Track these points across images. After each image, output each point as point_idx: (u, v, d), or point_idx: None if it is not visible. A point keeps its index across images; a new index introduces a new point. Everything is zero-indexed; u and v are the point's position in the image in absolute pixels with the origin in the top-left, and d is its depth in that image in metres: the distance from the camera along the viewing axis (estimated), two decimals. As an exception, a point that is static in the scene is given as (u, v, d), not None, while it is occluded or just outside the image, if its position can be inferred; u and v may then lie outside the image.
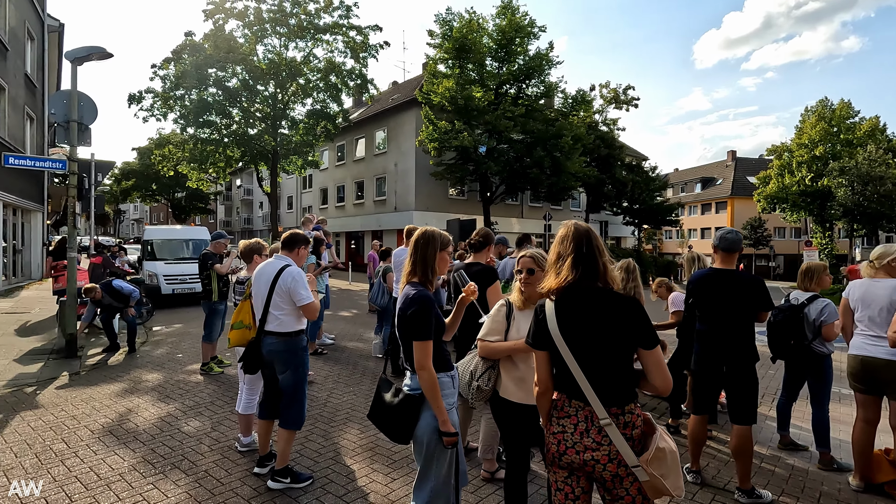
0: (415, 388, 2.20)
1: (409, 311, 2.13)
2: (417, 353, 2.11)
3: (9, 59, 13.89)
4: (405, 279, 2.28)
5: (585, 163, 23.93)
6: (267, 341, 3.23)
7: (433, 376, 2.10)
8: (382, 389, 2.36)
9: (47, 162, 7.15)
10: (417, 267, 2.25)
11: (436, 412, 2.11)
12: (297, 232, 3.54)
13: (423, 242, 2.28)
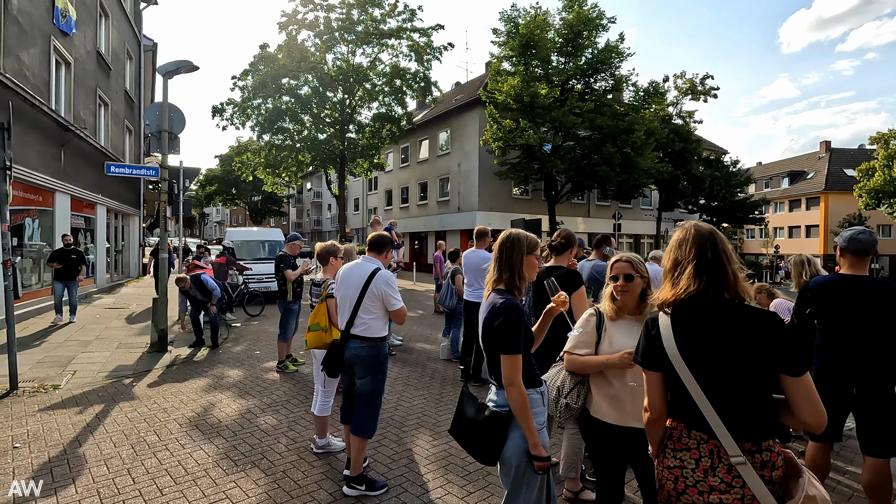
0: (501, 405, 2.03)
1: (496, 322, 1.96)
2: (506, 368, 1.93)
3: (111, 78, 15.31)
4: (490, 286, 2.11)
5: (658, 158, 22.63)
6: (351, 345, 3.19)
7: (523, 394, 1.92)
8: (465, 404, 2.21)
9: (142, 169, 7.74)
10: (503, 273, 2.08)
11: (526, 433, 1.93)
12: (385, 234, 3.48)
13: (508, 246, 2.10)
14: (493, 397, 2.09)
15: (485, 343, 2.07)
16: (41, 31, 10.05)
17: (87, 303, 12.04)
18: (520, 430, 1.96)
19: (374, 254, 3.39)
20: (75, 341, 7.83)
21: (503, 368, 1.94)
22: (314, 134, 24.54)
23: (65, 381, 5.70)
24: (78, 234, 12.61)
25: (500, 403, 2.03)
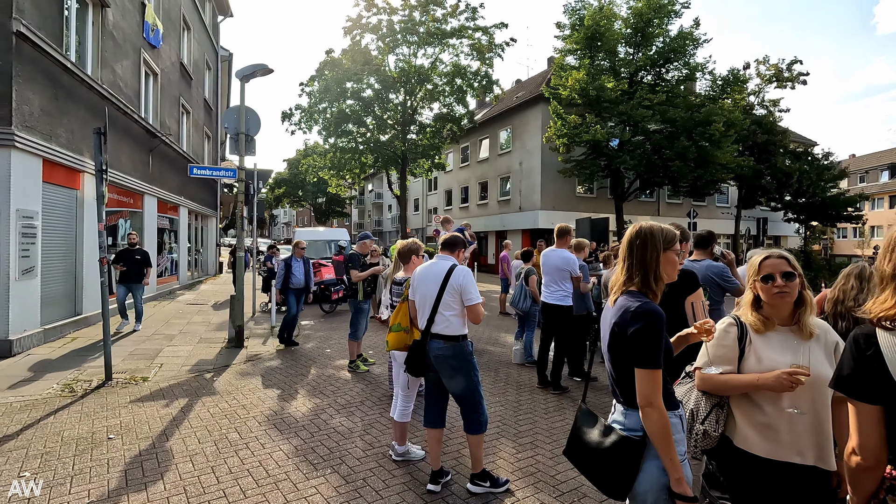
0: (632, 429, 1.72)
1: (630, 330, 1.66)
2: (643, 385, 1.63)
3: (192, 87, 16.27)
4: (619, 288, 1.81)
5: (738, 152, 20.96)
6: (434, 345, 3.07)
7: (664, 417, 1.61)
8: (584, 423, 1.92)
9: (221, 171, 8.04)
10: (635, 273, 1.77)
11: (667, 465, 1.61)
12: (457, 234, 3.34)
13: (639, 243, 1.78)
14: (619, 418, 1.79)
15: (612, 354, 1.77)
16: (133, 44, 10.77)
17: (171, 299, 12.80)
18: (657, 461, 1.64)
19: (447, 252, 3.30)
20: (161, 335, 8.26)
21: (639, 385, 1.63)
22: (376, 135, 24.95)
23: (153, 374, 5.96)
24: (163, 234, 13.46)
25: (631, 427, 1.73)
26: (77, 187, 8.43)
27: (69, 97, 7.96)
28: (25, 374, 5.70)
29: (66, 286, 8.20)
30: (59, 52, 7.45)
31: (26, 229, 6.81)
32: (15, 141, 6.45)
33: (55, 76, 7.49)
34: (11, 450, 3.71)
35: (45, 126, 7.28)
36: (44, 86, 7.21)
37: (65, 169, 7.96)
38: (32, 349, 6.88)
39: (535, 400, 5.04)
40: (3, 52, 6.40)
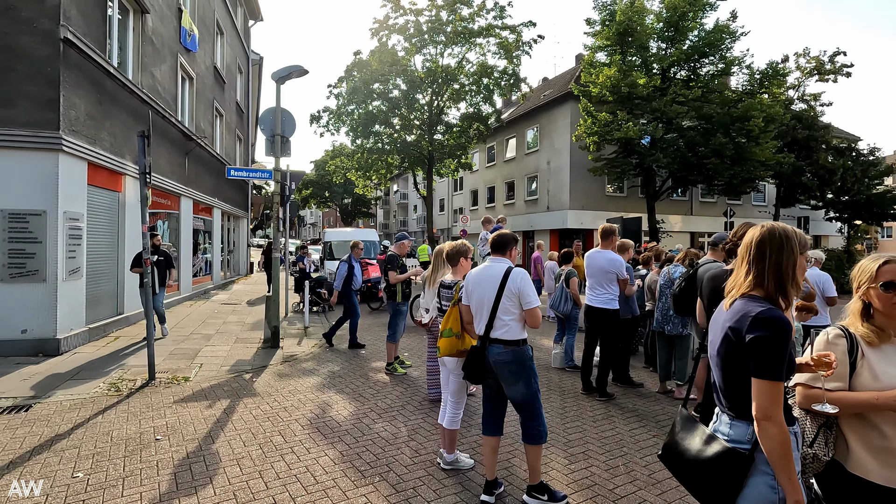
0: (738, 441, 1.57)
1: (750, 336, 1.50)
2: (762, 397, 1.47)
3: (225, 91, 16.57)
4: (739, 290, 1.65)
5: (777, 148, 20.15)
6: (493, 350, 2.96)
7: (785, 433, 1.45)
8: (683, 430, 1.78)
9: (258, 172, 8.11)
10: (768, 279, 1.58)
11: (785, 485, 1.45)
12: (506, 233, 3.20)
13: (776, 243, 1.59)
14: (723, 429, 1.64)
15: (723, 360, 1.62)
16: (170, 49, 10.99)
17: (206, 298, 13.04)
18: (765, 478, 1.49)
19: (499, 254, 3.17)
20: (199, 335, 8.37)
21: (758, 397, 1.47)
22: (403, 136, 25.00)
23: (194, 374, 6.01)
24: (198, 234, 13.72)
25: (737, 439, 1.58)
26: (119, 189, 8.63)
27: (112, 102, 8.15)
28: (73, 373, 5.83)
29: (108, 286, 8.40)
30: (103, 57, 7.62)
31: (73, 231, 6.98)
32: (63, 145, 6.62)
33: (99, 81, 7.67)
34: (64, 449, 3.75)
35: (90, 130, 7.46)
36: (88, 91, 7.39)
37: (107, 171, 8.15)
38: (78, 347, 7.05)
39: (581, 407, 4.86)
40: (52, 59, 6.58)
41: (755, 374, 1.48)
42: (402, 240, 6.31)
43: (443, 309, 3.56)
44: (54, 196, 6.62)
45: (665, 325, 5.17)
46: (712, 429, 1.69)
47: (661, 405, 4.94)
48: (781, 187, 25.05)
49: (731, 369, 1.59)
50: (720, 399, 1.67)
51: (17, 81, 6.47)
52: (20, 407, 4.67)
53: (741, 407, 1.57)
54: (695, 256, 5.18)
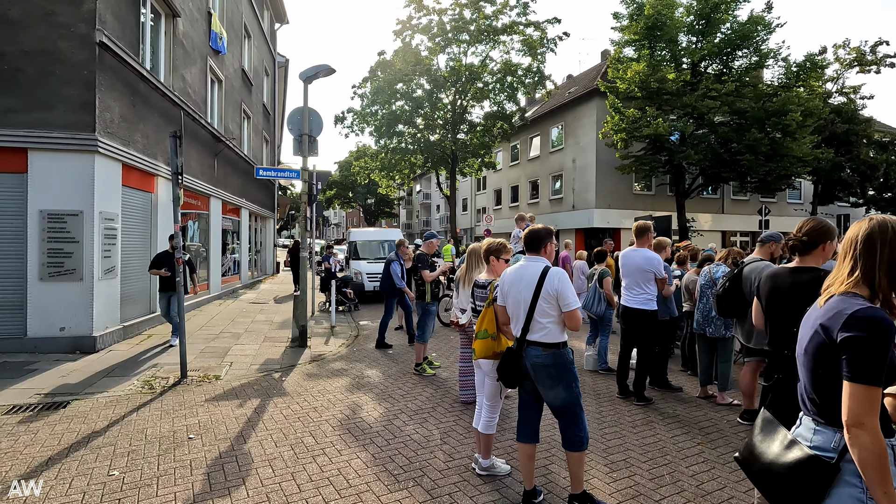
0: (822, 449, 1.44)
1: (846, 336, 1.35)
2: (856, 402, 1.31)
3: (253, 93, 16.81)
4: (837, 286, 1.49)
5: (815, 143, 19.35)
6: (531, 353, 2.84)
7: (881, 443, 1.29)
8: (763, 431, 1.65)
9: (285, 172, 8.15)
10: (878, 273, 1.42)
11: (879, 499, 1.29)
12: (539, 227, 3.04)
13: (888, 237, 1.43)
14: (805, 434, 1.50)
15: (812, 360, 1.47)
16: (200, 52, 11.17)
17: (235, 298, 13.23)
18: (852, 490, 1.36)
19: (534, 252, 3.01)
20: (229, 334, 8.46)
21: (851, 402, 1.32)
22: (426, 135, 24.98)
23: (224, 372, 6.05)
24: (226, 235, 13.94)
25: (822, 446, 1.44)
26: (152, 190, 8.80)
27: (145, 104, 8.30)
28: (109, 370, 5.93)
29: (141, 285, 8.57)
30: (137, 60, 7.76)
31: (108, 231, 7.12)
32: (98, 146, 6.75)
33: (133, 84, 7.82)
34: (101, 446, 3.78)
35: (124, 132, 7.61)
36: (123, 93, 7.54)
37: (140, 173, 8.30)
38: (113, 345, 7.19)
39: (618, 411, 4.68)
40: (88, 62, 6.72)
41: (849, 376, 1.33)
42: (431, 238, 6.23)
43: (477, 309, 3.43)
44: (90, 197, 6.77)
45: (706, 327, 4.93)
46: (794, 433, 1.54)
47: (703, 411, 4.71)
48: (819, 184, 24.09)
49: (819, 370, 1.45)
50: (804, 402, 1.53)
51: (55, 85, 6.63)
52: (59, 404, 4.75)
53: (828, 412, 1.45)
54: (738, 255, 4.94)
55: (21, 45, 6.52)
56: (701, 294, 5.03)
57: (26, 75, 6.55)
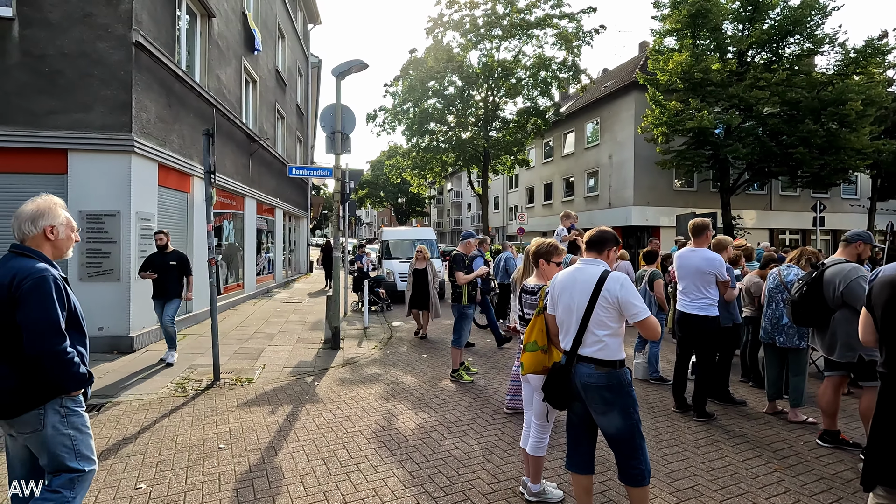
0: None
1: None
2: None
3: (286, 94, 16.91)
4: None
5: (875, 134, 17.98)
6: (582, 370, 2.48)
7: None
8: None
9: (318, 170, 8.02)
10: None
11: None
12: (606, 229, 2.69)
13: None
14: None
15: None
16: (235, 52, 11.21)
17: (269, 297, 13.29)
18: None
19: (593, 253, 2.66)
20: (262, 334, 8.39)
21: None
22: (458, 133, 24.68)
23: (257, 375, 5.92)
24: (261, 234, 14.04)
25: None
26: (187, 190, 8.83)
27: (181, 104, 8.32)
28: (144, 372, 5.89)
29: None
30: (172, 61, 7.77)
31: (144, 231, 7.13)
32: (135, 147, 6.76)
33: (168, 84, 7.83)
34: (130, 455, 3.65)
35: (160, 132, 7.62)
36: (159, 94, 7.55)
37: (176, 173, 8.33)
38: (150, 345, 7.21)
39: (677, 428, 4.26)
40: (124, 63, 6.72)
41: None
42: (468, 238, 5.91)
43: (525, 317, 3.10)
44: (127, 197, 6.78)
45: (776, 336, 4.44)
46: None
47: (774, 429, 4.23)
48: (879, 178, 22.46)
49: None
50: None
51: (93, 86, 6.67)
52: (93, 406, 4.69)
53: None
54: (813, 256, 4.42)
55: (61, 47, 6.57)
56: (769, 299, 4.53)
57: (65, 77, 6.60)
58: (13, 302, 1.94)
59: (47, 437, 2.02)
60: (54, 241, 2.12)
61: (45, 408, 2.02)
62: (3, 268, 1.99)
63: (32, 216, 2.08)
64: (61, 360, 1.97)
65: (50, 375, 1.99)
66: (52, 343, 1.95)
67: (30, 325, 1.93)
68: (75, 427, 2.10)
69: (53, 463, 2.05)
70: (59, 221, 2.13)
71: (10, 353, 1.97)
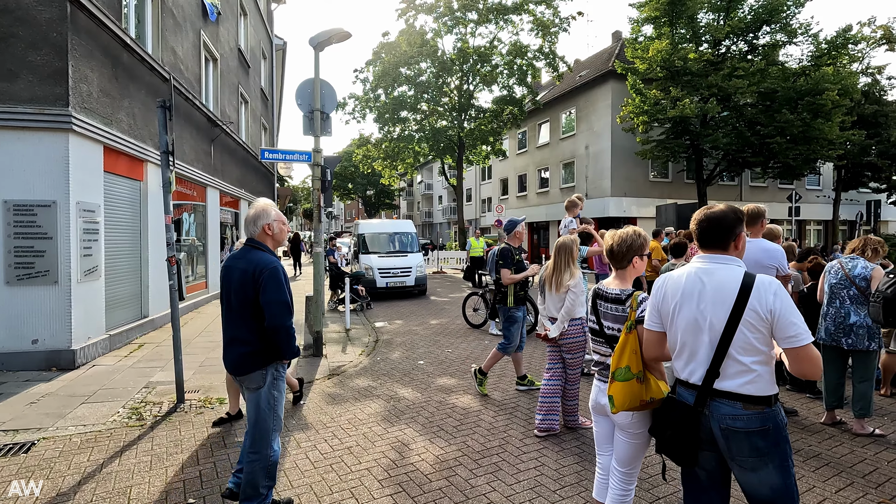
0: None
1: None
2: None
3: (250, 76, 15.60)
4: None
5: (846, 124, 18.28)
6: (723, 411, 1.79)
7: None
8: None
9: (295, 154, 7.06)
10: None
11: None
12: (726, 209, 1.96)
13: None
14: None
15: None
16: (192, 25, 10.00)
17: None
18: None
19: (714, 248, 1.92)
20: (232, 341, 7.41)
21: None
22: (432, 122, 23.81)
23: (229, 394, 5.01)
24: (225, 228, 12.85)
25: None
26: (140, 178, 7.70)
27: (130, 78, 7.18)
28: (89, 393, 4.88)
29: (131, 287, 7.50)
30: (118, 25, 6.63)
31: (88, 225, 6.04)
32: (73, 124, 5.65)
33: (114, 53, 6.69)
34: (66, 521, 2.75)
35: (105, 109, 6.49)
36: (102, 63, 6.41)
37: (127, 157, 7.21)
38: (98, 358, 6.14)
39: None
40: (57, 22, 5.59)
41: None
42: (515, 227, 4.94)
43: (605, 333, 2.35)
44: (65, 184, 5.67)
45: (842, 338, 3.90)
46: None
47: (847, 445, 3.70)
48: (842, 169, 23.07)
49: None
50: None
51: (18, 49, 5.51)
52: (20, 446, 3.71)
53: None
54: (879, 245, 3.90)
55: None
56: (831, 296, 3.99)
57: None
58: (257, 286, 2.50)
59: (262, 394, 2.60)
60: (272, 235, 2.65)
61: (267, 369, 2.61)
62: (244, 259, 2.59)
63: (254, 218, 2.63)
64: (290, 333, 2.57)
65: (280, 345, 2.56)
66: (283, 319, 2.52)
67: (271, 305, 2.50)
68: (279, 390, 2.68)
69: (254, 414, 2.61)
70: (271, 219, 2.65)
71: (254, 325, 2.56)
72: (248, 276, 2.52)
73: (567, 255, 3.70)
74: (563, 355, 3.87)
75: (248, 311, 2.54)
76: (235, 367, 2.64)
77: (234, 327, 2.62)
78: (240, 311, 2.57)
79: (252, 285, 2.51)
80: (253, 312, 2.54)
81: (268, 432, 2.60)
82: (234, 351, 2.62)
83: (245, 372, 2.60)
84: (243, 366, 2.60)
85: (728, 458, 1.83)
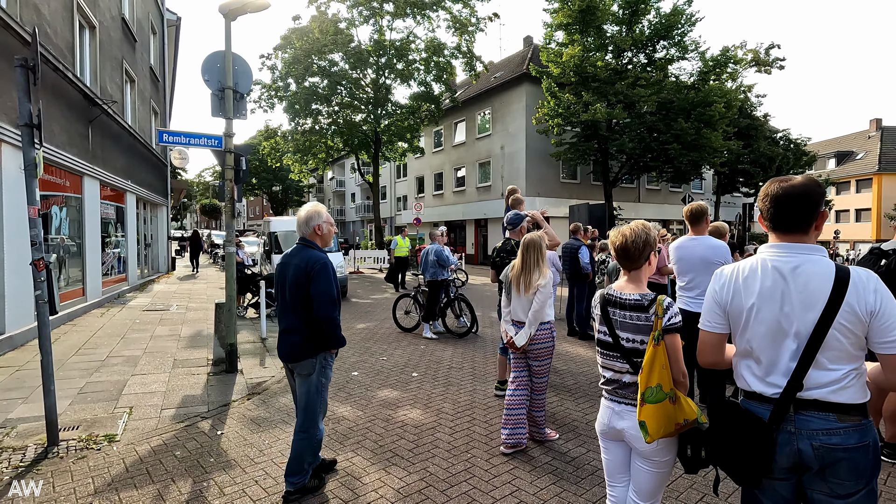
0: None
1: None
2: None
3: (137, 52, 13.63)
4: None
5: (727, 135, 20.48)
6: (811, 424, 1.51)
7: None
8: None
9: (202, 138, 6.02)
10: None
11: None
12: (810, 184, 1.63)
13: None
14: None
15: None
16: (62, -20, 8.35)
17: (122, 304, 10.47)
18: None
19: (794, 233, 1.59)
20: (121, 358, 6.21)
21: None
22: (346, 116, 22.78)
23: (121, 427, 4.06)
24: (108, 225, 11.04)
25: None
26: (-9, 162, 6.17)
27: (-26, 34, 5.69)
28: (-87, 444, 3.66)
29: (-21, 298, 5.98)
30: (-44, -36, 5.19)
31: (-89, 219, 4.62)
32: None
33: (-49, 0, 5.23)
34: None
35: (-62, 70, 5.04)
36: (-68, 11, 4.97)
37: (-29, 135, 5.71)
38: (-71, 393, 4.73)
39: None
40: None
41: None
42: (520, 223, 4.63)
43: (624, 346, 1.99)
44: None
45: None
46: None
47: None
48: (721, 175, 25.89)
49: None
50: None
51: None
52: None
53: None
54: None
55: None
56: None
57: None
58: (309, 279, 2.81)
59: (312, 380, 2.94)
60: (321, 235, 3.01)
61: (316, 357, 2.93)
62: (298, 256, 2.90)
63: (306, 219, 2.98)
64: (336, 324, 2.87)
65: (325, 334, 2.85)
66: (329, 310, 2.81)
67: (319, 296, 2.79)
68: (326, 377, 3.02)
69: (304, 399, 2.97)
70: (322, 220, 3.01)
71: (304, 315, 2.85)
72: (301, 271, 2.81)
73: (536, 253, 3.39)
74: (530, 363, 3.56)
75: (300, 303, 2.83)
76: (288, 355, 2.94)
77: (288, 318, 2.91)
78: (293, 303, 2.86)
79: (305, 278, 2.80)
80: (304, 304, 2.83)
81: (316, 414, 2.96)
82: (288, 340, 2.92)
83: (297, 359, 2.90)
84: (295, 353, 2.90)
85: (814, 484, 1.52)
